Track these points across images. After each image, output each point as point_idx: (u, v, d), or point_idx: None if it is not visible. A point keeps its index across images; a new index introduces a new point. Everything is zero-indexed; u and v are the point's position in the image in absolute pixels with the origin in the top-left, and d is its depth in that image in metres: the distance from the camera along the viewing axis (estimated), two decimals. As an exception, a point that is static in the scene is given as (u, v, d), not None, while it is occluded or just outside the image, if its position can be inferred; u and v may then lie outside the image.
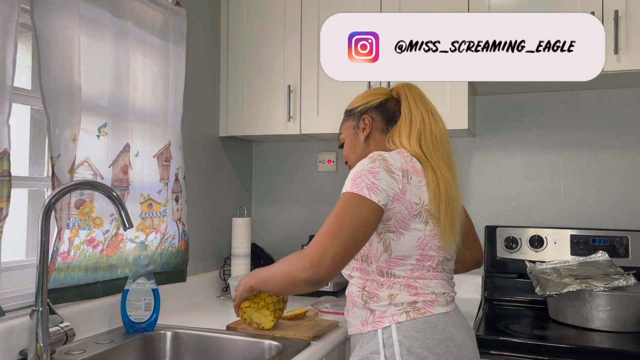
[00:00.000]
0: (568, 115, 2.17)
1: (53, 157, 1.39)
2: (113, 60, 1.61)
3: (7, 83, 1.29)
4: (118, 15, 1.62)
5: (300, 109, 2.14)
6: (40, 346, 1.24)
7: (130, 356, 1.52)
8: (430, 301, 1.25)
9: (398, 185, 1.23)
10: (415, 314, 1.23)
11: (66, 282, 1.50)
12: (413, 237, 1.24)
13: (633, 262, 1.95)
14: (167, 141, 1.84)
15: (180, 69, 1.91)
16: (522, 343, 1.59)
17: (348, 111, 1.48)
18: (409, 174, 1.25)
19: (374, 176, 1.22)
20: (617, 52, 1.74)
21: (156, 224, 1.78)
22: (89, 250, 1.57)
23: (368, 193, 1.20)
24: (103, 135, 1.59)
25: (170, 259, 1.85)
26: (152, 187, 1.78)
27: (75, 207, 1.51)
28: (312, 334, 1.52)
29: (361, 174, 1.23)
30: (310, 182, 2.53)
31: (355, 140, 1.44)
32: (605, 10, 1.76)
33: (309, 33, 2.13)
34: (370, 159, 1.26)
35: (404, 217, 1.24)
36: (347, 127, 1.46)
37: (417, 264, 1.26)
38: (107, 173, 1.60)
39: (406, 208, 1.23)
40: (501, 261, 2.13)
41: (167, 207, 1.82)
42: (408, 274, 1.25)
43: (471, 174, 2.28)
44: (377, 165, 1.24)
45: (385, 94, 1.43)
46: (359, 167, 1.25)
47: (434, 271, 1.28)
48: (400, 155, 1.29)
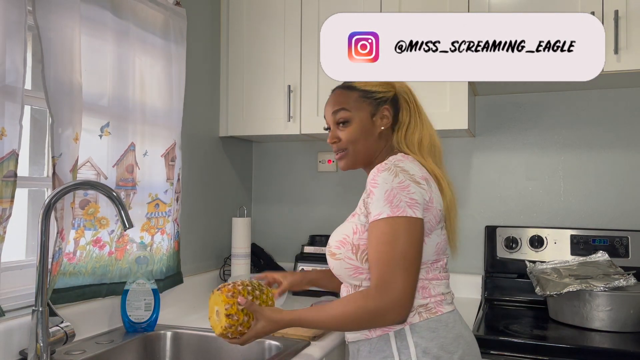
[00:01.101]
0: (568, 115, 2.17)
1: (55, 157, 1.39)
2: (115, 60, 1.62)
3: (19, 85, 1.30)
4: (119, 15, 1.63)
5: (300, 109, 2.14)
6: (40, 346, 1.24)
7: (130, 356, 1.52)
8: (440, 301, 1.24)
9: (427, 195, 1.20)
10: (428, 314, 1.21)
11: (70, 284, 1.51)
12: (433, 242, 1.23)
13: (633, 262, 1.95)
14: (173, 141, 1.85)
15: (181, 68, 1.91)
16: (522, 343, 1.59)
17: (364, 91, 1.34)
18: (429, 182, 1.23)
19: (407, 192, 1.16)
20: (617, 52, 1.74)
21: (161, 224, 1.78)
22: (96, 251, 1.57)
23: (413, 212, 1.15)
24: (106, 135, 1.59)
25: (169, 261, 1.86)
26: (160, 187, 1.79)
27: (80, 207, 1.51)
28: (312, 334, 1.52)
29: (393, 193, 1.16)
30: (310, 182, 2.52)
31: (370, 128, 1.32)
32: (605, 10, 1.76)
33: (309, 33, 2.13)
34: (392, 173, 1.18)
35: (431, 226, 1.21)
36: (361, 109, 1.32)
37: (431, 266, 1.25)
38: (110, 173, 1.60)
39: (434, 216, 1.22)
40: (501, 261, 2.13)
41: (171, 207, 1.82)
42: (423, 276, 1.23)
43: (471, 174, 2.28)
44: (403, 179, 1.17)
45: (393, 86, 1.37)
46: (385, 186, 1.16)
47: (443, 271, 1.28)
48: (414, 164, 1.25)
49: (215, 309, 1.24)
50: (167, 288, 1.83)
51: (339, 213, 2.44)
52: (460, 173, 2.28)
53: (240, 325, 1.22)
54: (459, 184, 2.28)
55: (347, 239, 1.24)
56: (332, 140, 1.35)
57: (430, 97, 1.97)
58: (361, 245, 1.22)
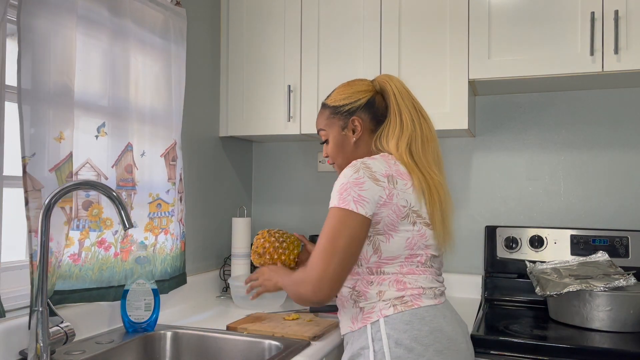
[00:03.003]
0: (568, 115, 2.17)
1: (25, 157, 1.33)
2: (111, 60, 1.61)
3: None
4: (116, 14, 1.62)
5: (300, 109, 2.14)
6: (40, 346, 1.24)
7: (130, 356, 1.52)
8: (417, 294, 1.26)
9: (385, 192, 1.24)
10: (403, 307, 1.24)
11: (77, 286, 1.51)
12: (402, 238, 1.26)
13: (633, 262, 1.95)
14: (173, 141, 1.84)
15: (181, 69, 1.91)
16: (522, 343, 1.59)
17: (333, 108, 1.41)
18: (394, 179, 1.26)
19: (359, 188, 1.22)
20: (617, 52, 1.74)
21: (164, 224, 1.78)
22: (101, 253, 1.57)
23: (355, 207, 1.21)
24: (102, 136, 1.59)
25: (175, 261, 1.85)
26: (161, 186, 1.78)
27: (83, 208, 1.52)
28: (312, 334, 1.52)
29: (346, 187, 1.23)
30: (310, 182, 2.53)
31: (343, 141, 1.39)
32: (605, 10, 1.76)
33: (309, 33, 2.13)
34: (354, 169, 1.25)
35: (392, 221, 1.25)
36: (333, 125, 1.40)
37: (406, 261, 1.28)
38: (110, 173, 1.60)
39: (394, 212, 1.25)
40: (501, 261, 2.13)
41: (175, 207, 1.82)
42: (397, 270, 1.27)
43: (471, 174, 2.28)
44: (361, 175, 1.24)
45: (370, 90, 1.39)
46: (343, 179, 1.25)
47: (422, 266, 1.30)
48: (384, 160, 1.29)
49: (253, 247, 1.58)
50: (172, 288, 1.83)
51: (339, 213, 2.46)
52: (460, 173, 2.28)
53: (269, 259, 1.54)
54: (459, 184, 2.28)
55: None
56: (324, 155, 1.46)
57: (430, 97, 1.97)
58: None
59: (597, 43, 1.77)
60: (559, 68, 1.82)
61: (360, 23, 2.07)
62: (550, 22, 1.84)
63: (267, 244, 1.53)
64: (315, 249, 1.24)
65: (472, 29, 1.92)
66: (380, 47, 2.03)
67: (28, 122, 1.35)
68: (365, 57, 2.05)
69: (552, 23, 1.83)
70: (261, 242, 1.55)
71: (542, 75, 1.84)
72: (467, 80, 1.92)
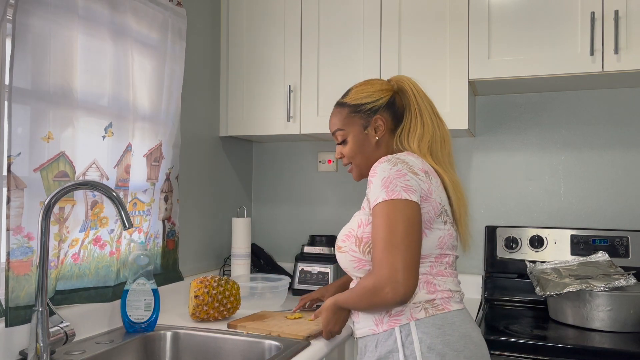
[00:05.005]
0: (568, 115, 2.16)
1: (10, 156, 1.32)
2: (113, 60, 1.61)
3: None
4: (116, 14, 1.62)
5: (300, 109, 2.14)
6: (40, 346, 1.24)
7: (130, 356, 1.52)
8: (447, 298, 1.24)
9: (425, 185, 1.22)
10: (434, 311, 1.22)
11: (77, 285, 1.51)
12: (435, 236, 1.24)
13: (633, 262, 1.95)
14: (158, 141, 1.82)
15: (177, 68, 1.90)
16: (522, 343, 1.59)
17: (354, 106, 1.38)
18: (429, 175, 1.25)
19: (404, 178, 1.20)
20: (617, 52, 1.74)
21: (137, 223, 1.76)
22: (97, 251, 1.56)
23: (407, 194, 1.18)
24: (109, 136, 1.59)
25: (157, 259, 1.84)
26: (139, 186, 1.76)
27: (91, 209, 1.52)
28: (307, 334, 1.51)
29: (391, 180, 1.19)
30: (310, 182, 2.52)
31: (364, 140, 1.37)
32: (605, 10, 1.76)
33: (309, 33, 2.13)
34: (391, 163, 1.22)
35: (430, 217, 1.23)
36: (353, 124, 1.37)
37: (436, 261, 1.26)
38: (112, 174, 1.60)
39: (433, 208, 1.23)
40: (501, 261, 2.13)
41: (151, 206, 1.80)
42: (427, 271, 1.24)
43: (471, 174, 2.28)
44: (400, 168, 1.21)
45: (389, 89, 1.38)
46: (383, 174, 1.21)
47: (450, 268, 1.29)
48: (414, 157, 1.28)
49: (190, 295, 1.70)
50: (159, 285, 1.81)
51: (339, 213, 2.46)
52: (460, 173, 2.28)
53: (205, 305, 1.67)
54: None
55: (352, 232, 1.28)
56: (338, 156, 1.43)
57: (431, 97, 1.97)
58: (364, 237, 1.25)
59: (597, 43, 1.77)
60: (559, 68, 1.82)
61: (361, 22, 2.07)
62: (550, 22, 1.84)
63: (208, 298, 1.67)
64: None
65: (472, 29, 1.92)
66: (380, 46, 2.03)
67: (17, 121, 1.33)
68: (366, 56, 2.05)
69: (552, 23, 1.83)
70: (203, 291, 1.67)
71: (542, 76, 1.84)
72: (467, 81, 1.92)
